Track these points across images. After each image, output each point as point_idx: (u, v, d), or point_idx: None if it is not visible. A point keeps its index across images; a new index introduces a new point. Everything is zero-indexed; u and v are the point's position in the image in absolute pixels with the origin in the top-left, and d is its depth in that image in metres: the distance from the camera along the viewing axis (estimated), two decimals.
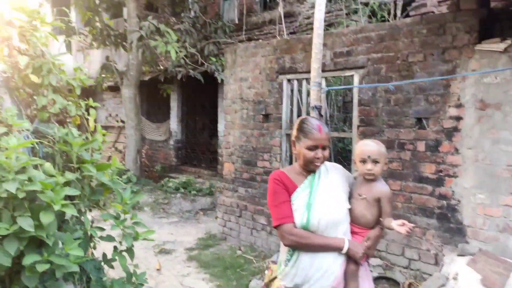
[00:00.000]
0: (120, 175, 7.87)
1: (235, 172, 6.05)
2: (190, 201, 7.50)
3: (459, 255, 3.42)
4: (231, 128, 6.19)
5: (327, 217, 1.97)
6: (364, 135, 4.52)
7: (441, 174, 3.88)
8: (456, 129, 3.79)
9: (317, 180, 2.06)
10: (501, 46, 3.52)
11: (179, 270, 4.89)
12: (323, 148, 2.03)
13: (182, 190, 7.92)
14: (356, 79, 4.70)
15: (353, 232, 2.10)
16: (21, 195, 1.88)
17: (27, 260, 1.87)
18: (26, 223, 1.86)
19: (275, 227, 2.03)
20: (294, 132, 2.11)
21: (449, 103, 3.85)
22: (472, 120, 3.67)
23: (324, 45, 4.95)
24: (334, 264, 1.99)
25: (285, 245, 2.02)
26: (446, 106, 3.87)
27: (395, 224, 1.99)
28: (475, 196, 3.57)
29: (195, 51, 8.17)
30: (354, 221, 2.10)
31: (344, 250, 1.98)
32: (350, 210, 2.09)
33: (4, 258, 1.81)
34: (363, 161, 2.11)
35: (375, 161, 2.08)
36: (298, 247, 1.99)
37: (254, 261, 5.00)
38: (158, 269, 4.89)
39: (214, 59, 8.18)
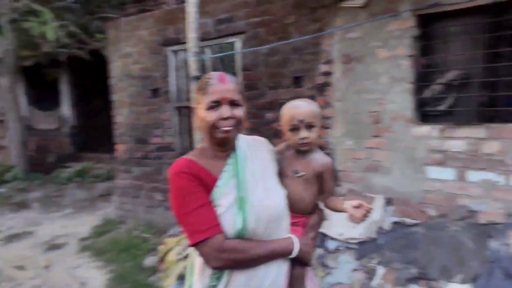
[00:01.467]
0: (4, 173, 7.30)
1: (128, 152, 6.00)
2: (86, 189, 7.28)
3: None
4: (120, 107, 6.10)
5: (267, 212, 1.51)
6: (248, 100, 4.75)
7: None
8: (327, 84, 4.16)
9: (242, 161, 1.56)
10: (360, 2, 3.91)
11: (70, 263, 4.79)
12: (232, 104, 1.50)
13: (77, 179, 7.63)
14: (238, 45, 4.89)
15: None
16: None
17: None
18: None
19: (194, 246, 1.45)
20: (193, 97, 1.59)
21: (321, 60, 4.20)
22: (339, 74, 4.06)
23: (206, 12, 5.07)
24: (279, 275, 1.56)
25: (215, 267, 1.46)
26: (318, 64, 4.22)
27: (349, 205, 1.59)
28: (344, 143, 4.00)
29: (78, 28, 7.77)
30: (289, 208, 1.67)
31: (295, 253, 1.56)
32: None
33: None
34: (295, 129, 1.66)
35: (310, 125, 1.66)
36: (235, 266, 1.47)
37: (152, 239, 5.07)
38: (46, 266, 4.73)
39: (101, 35, 7.85)
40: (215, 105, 1.47)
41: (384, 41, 3.75)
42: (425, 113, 3.59)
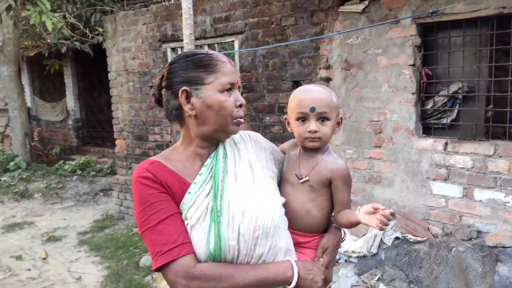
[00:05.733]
0: (7, 162, 6.83)
1: (127, 149, 5.57)
2: (88, 183, 6.83)
3: None
4: (118, 102, 5.63)
5: (254, 226, 1.05)
6: (247, 101, 4.33)
7: None
8: None
9: (221, 162, 1.12)
10: (360, 7, 3.49)
11: (67, 257, 4.42)
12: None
13: (80, 172, 7.17)
14: (236, 45, 4.44)
15: (294, 244, 1.21)
16: None
17: None
18: None
19: (158, 270, 1.03)
20: (171, 80, 1.13)
21: (320, 65, 3.79)
22: (339, 80, 3.66)
23: (204, 10, 4.63)
24: None
25: None
26: (317, 68, 3.81)
27: (363, 214, 1.12)
28: (345, 152, 3.62)
29: (78, 20, 7.18)
30: (293, 224, 1.21)
31: (293, 283, 1.08)
32: (284, 206, 1.18)
33: None
34: (303, 118, 1.22)
35: (323, 117, 1.21)
36: None
37: None
38: (44, 258, 4.37)
39: (101, 29, 7.29)
40: (229, 88, 1.11)
41: (384, 48, 3.34)
42: (428, 125, 3.21)
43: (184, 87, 1.09)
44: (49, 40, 8.38)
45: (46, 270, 4.08)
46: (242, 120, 1.13)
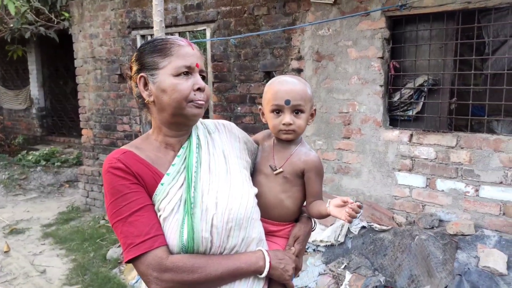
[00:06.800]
0: None
1: (94, 139, 5.41)
2: (53, 174, 6.58)
3: None
4: (85, 90, 5.44)
5: (227, 217, 1.06)
6: (219, 91, 4.28)
7: None
8: None
9: (195, 153, 1.11)
10: None
11: (31, 249, 4.28)
12: (202, 75, 1.12)
13: (44, 163, 6.89)
14: (208, 34, 4.37)
15: (265, 233, 1.23)
16: None
17: None
18: None
19: (129, 262, 1.03)
20: (135, 67, 1.13)
21: (291, 56, 3.79)
22: (310, 72, 3.67)
23: None
24: None
25: None
26: (289, 59, 3.81)
27: (333, 206, 1.14)
28: (315, 143, 3.65)
29: (42, 4, 6.85)
30: (265, 214, 1.23)
31: (265, 273, 1.12)
32: (257, 196, 1.19)
33: None
34: (278, 110, 1.23)
35: (298, 110, 1.22)
36: None
37: None
38: (6, 251, 4.19)
39: (67, 14, 6.98)
40: (187, 72, 1.07)
41: (354, 40, 3.38)
42: (395, 117, 3.29)
43: (141, 74, 1.10)
44: (11, 25, 7.95)
45: (8, 264, 3.94)
46: (201, 103, 1.09)
